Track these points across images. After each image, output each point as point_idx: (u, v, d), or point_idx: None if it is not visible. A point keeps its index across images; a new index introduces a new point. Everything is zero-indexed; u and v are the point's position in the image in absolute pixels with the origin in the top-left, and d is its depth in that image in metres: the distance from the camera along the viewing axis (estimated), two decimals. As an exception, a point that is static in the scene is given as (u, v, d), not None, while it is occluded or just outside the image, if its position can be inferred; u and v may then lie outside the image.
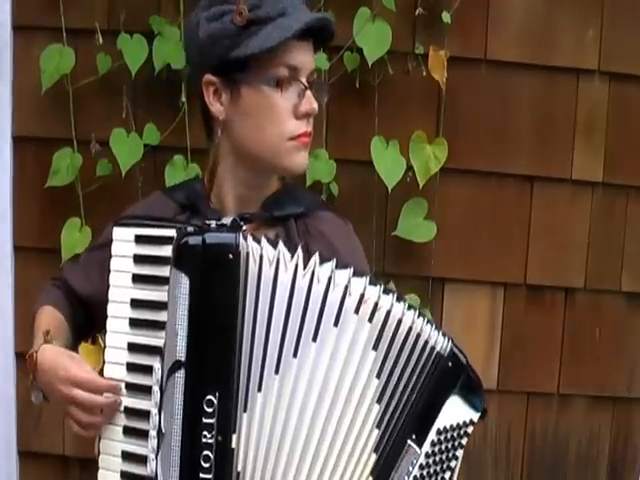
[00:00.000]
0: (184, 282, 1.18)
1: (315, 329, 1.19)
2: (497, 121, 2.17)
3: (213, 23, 1.30)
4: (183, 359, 1.17)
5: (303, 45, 1.32)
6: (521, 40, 2.14)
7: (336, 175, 2.12)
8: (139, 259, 1.25)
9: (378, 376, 1.20)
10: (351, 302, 1.19)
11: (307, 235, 1.37)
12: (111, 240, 1.28)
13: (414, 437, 1.22)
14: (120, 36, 2.07)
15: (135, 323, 1.24)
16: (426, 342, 1.24)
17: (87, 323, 1.44)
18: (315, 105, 1.33)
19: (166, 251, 1.21)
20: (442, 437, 1.24)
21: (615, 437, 2.28)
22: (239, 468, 1.18)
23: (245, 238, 1.20)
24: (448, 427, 1.24)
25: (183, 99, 2.06)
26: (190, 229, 1.21)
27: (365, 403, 1.20)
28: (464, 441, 1.27)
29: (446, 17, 2.08)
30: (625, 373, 2.26)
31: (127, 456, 1.23)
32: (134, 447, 1.23)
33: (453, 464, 1.26)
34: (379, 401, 1.21)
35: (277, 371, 1.18)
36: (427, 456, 1.23)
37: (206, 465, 1.17)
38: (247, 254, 1.19)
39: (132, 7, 2.09)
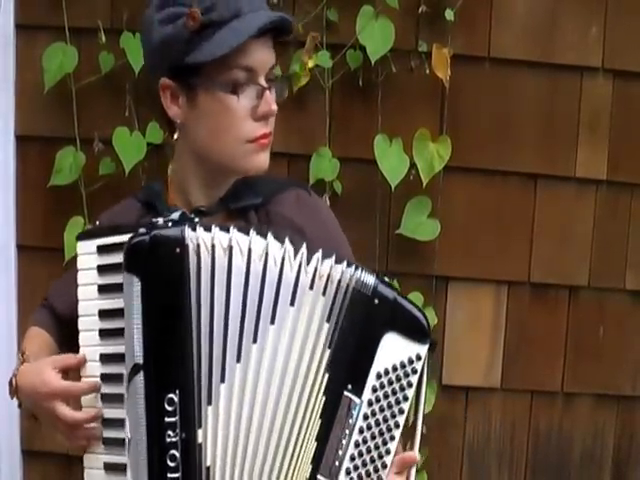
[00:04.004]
0: (135, 284, 1.17)
1: (272, 312, 1.18)
2: (501, 119, 2.16)
3: (166, 27, 1.26)
4: (141, 362, 1.16)
5: (260, 43, 1.28)
6: (525, 37, 2.14)
7: (339, 173, 2.12)
8: (102, 269, 1.24)
9: (329, 346, 1.19)
10: (306, 280, 1.19)
11: (269, 223, 1.34)
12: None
13: (350, 387, 1.19)
14: (123, 35, 2.07)
15: (105, 334, 1.24)
16: (354, 289, 1.20)
17: (72, 340, 1.40)
18: (274, 106, 1.30)
19: None
20: (385, 380, 1.20)
21: (620, 435, 2.28)
22: (208, 463, 1.17)
23: (194, 229, 1.18)
24: (390, 368, 1.20)
25: (186, 97, 2.06)
26: (142, 229, 1.20)
27: (319, 374, 1.19)
28: (414, 379, 1.21)
29: (449, 15, 2.08)
30: (629, 371, 2.26)
31: (109, 467, 1.23)
32: (115, 457, 1.22)
33: (405, 406, 1.21)
34: (328, 369, 1.19)
35: (239, 359, 1.17)
36: (370, 404, 1.20)
37: (172, 464, 1.16)
38: (198, 245, 1.17)
39: (135, 6, 2.08)
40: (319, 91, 2.10)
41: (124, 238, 1.21)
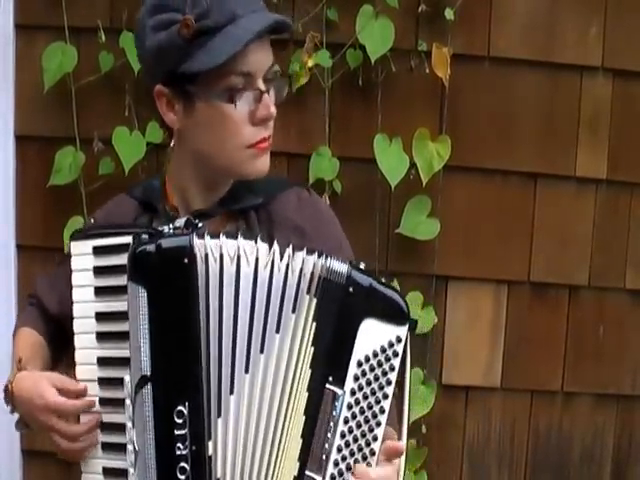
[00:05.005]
0: (141, 294, 1.15)
1: (277, 320, 1.17)
2: (500, 118, 2.16)
3: (159, 33, 1.22)
4: (149, 374, 1.15)
5: (256, 46, 1.23)
6: (524, 37, 2.14)
7: (339, 173, 2.12)
8: (99, 271, 1.23)
9: (314, 344, 1.18)
10: (304, 284, 1.18)
11: (270, 222, 1.33)
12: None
13: (331, 379, 1.18)
14: (122, 34, 2.07)
15: (102, 337, 1.23)
16: (329, 280, 1.18)
17: (65, 340, 1.38)
18: (273, 109, 1.27)
19: (125, 259, 1.18)
20: (366, 367, 1.18)
21: (619, 435, 2.28)
22: (219, 474, 1.16)
23: (202, 237, 1.17)
24: (371, 355, 1.18)
25: (186, 97, 2.06)
26: (145, 236, 1.18)
27: (303, 372, 1.18)
28: (396, 362, 1.19)
29: (449, 14, 2.08)
30: (629, 370, 2.26)
31: (108, 472, 1.23)
32: (114, 462, 1.22)
33: (389, 390, 1.19)
34: (310, 366, 1.18)
35: (247, 370, 1.17)
36: (353, 393, 1.18)
37: (182, 477, 1.15)
38: (206, 254, 1.16)
39: (134, 5, 2.07)
40: (319, 90, 2.10)
41: (122, 240, 1.20)
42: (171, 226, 1.22)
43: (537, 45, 2.14)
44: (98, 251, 1.24)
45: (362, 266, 1.21)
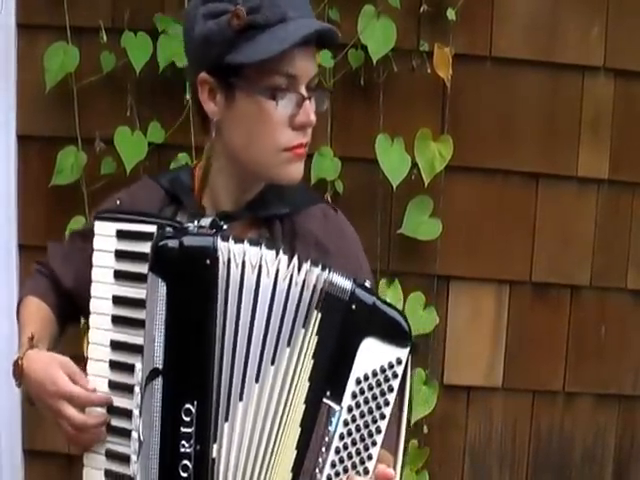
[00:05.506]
0: (161, 287, 1.15)
1: (290, 334, 1.17)
2: (502, 118, 2.16)
3: (209, 22, 1.22)
4: (161, 367, 1.15)
5: (303, 51, 1.24)
6: (526, 37, 2.14)
7: (341, 173, 2.12)
8: (120, 255, 1.23)
9: (314, 357, 1.18)
10: (315, 299, 1.18)
11: (293, 234, 1.33)
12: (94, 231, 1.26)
13: (329, 394, 1.17)
14: (124, 34, 2.08)
15: (117, 320, 1.23)
16: (332, 296, 1.18)
17: (73, 313, 1.41)
18: (313, 117, 1.27)
19: (147, 247, 1.18)
20: (365, 386, 1.18)
21: (621, 435, 2.28)
22: (220, 478, 1.17)
23: (226, 240, 1.17)
24: (370, 374, 1.18)
25: (187, 97, 2.05)
26: (169, 229, 1.18)
27: (305, 387, 1.18)
28: (395, 383, 1.18)
29: (451, 14, 2.08)
30: (631, 371, 2.26)
31: (111, 455, 1.22)
32: (118, 446, 1.22)
33: (386, 411, 1.18)
34: (310, 379, 1.18)
35: (257, 379, 1.17)
36: (350, 410, 1.17)
37: (184, 475, 1.15)
38: (228, 259, 1.16)
39: (136, 5, 2.09)
40: (320, 90, 2.10)
41: (146, 228, 1.20)
42: (196, 224, 1.22)
43: (539, 45, 2.14)
44: (121, 235, 1.24)
45: (367, 284, 1.21)
